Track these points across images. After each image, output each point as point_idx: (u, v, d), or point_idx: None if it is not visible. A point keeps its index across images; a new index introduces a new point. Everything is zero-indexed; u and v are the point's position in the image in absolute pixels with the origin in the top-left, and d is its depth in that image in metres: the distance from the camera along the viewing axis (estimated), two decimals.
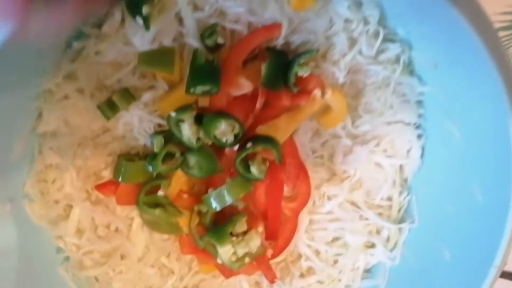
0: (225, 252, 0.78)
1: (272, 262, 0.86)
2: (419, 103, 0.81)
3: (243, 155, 0.73)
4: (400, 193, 0.86)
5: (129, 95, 0.72)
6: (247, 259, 0.79)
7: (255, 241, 0.80)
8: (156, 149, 0.74)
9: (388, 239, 0.87)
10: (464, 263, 0.72)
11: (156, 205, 0.78)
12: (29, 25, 0.48)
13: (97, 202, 0.81)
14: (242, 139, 0.74)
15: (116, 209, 0.82)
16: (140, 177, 0.76)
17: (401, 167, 0.85)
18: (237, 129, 0.72)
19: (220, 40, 0.70)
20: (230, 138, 0.72)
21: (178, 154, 0.75)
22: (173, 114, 0.70)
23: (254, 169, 0.74)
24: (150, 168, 0.75)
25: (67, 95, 0.71)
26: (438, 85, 0.75)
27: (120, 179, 0.76)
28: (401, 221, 0.86)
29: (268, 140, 0.73)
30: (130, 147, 0.79)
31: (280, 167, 0.78)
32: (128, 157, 0.78)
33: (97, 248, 0.80)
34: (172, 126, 0.72)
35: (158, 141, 0.74)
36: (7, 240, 0.71)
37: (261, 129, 0.74)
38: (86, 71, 0.69)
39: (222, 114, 0.72)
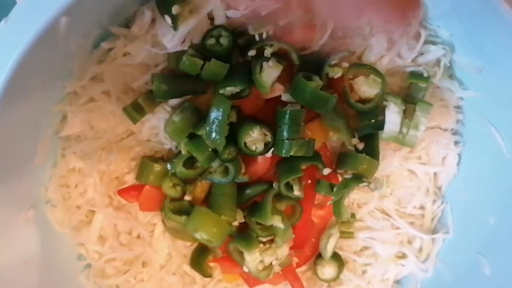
0: (253, 259, 0.75)
1: (298, 271, 0.84)
2: (458, 108, 0.77)
3: (294, 177, 0.70)
4: (434, 201, 0.82)
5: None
6: (276, 268, 0.76)
7: (282, 249, 0.77)
8: (180, 150, 0.71)
9: (420, 250, 0.83)
10: (507, 279, 0.68)
11: (181, 212, 0.76)
12: None
13: (119, 208, 0.78)
14: (271, 147, 0.70)
15: (138, 215, 0.79)
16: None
17: (435, 174, 0.82)
18: (269, 138, 0.69)
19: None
20: (260, 146, 0.68)
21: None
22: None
23: (296, 189, 0.71)
24: (169, 167, 0.72)
25: (92, 98, 0.68)
26: (481, 91, 0.71)
27: (143, 181, 0.74)
28: (434, 231, 0.83)
29: (313, 156, 0.70)
30: (154, 151, 0.77)
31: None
32: (152, 160, 0.75)
33: (119, 256, 0.78)
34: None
35: (184, 144, 0.70)
36: (29, 247, 0.69)
37: None
38: (113, 73, 0.66)
39: (256, 121, 0.68)
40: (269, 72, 0.65)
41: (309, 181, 0.76)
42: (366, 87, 0.70)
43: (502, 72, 0.64)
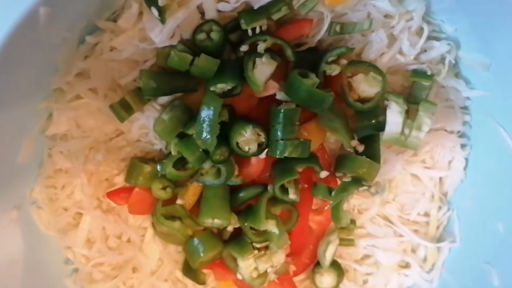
0: (247, 266, 0.72)
1: (296, 279, 0.80)
2: (464, 109, 0.73)
3: (288, 179, 0.67)
4: (439, 208, 0.78)
5: None
6: (272, 276, 0.73)
7: (278, 256, 0.74)
8: (170, 150, 0.68)
9: (425, 259, 0.79)
10: None
11: (173, 216, 0.73)
12: None
13: (109, 211, 0.76)
14: (265, 148, 0.67)
15: (128, 218, 0.77)
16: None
17: (440, 179, 0.78)
18: (262, 139, 0.66)
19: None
20: (253, 147, 0.65)
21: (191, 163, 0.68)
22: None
23: (292, 192, 0.68)
24: (159, 168, 0.70)
25: (79, 95, 0.66)
26: (489, 90, 0.67)
27: (132, 182, 0.71)
28: (440, 239, 0.79)
29: (309, 158, 0.67)
30: (145, 152, 0.74)
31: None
32: (143, 161, 0.73)
33: (108, 260, 0.75)
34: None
35: (174, 144, 0.68)
36: (12, 249, 0.66)
37: None
38: (99, 69, 0.64)
39: (249, 120, 0.66)
40: (262, 69, 0.63)
41: (306, 185, 0.73)
42: (366, 86, 0.67)
43: (511, 69, 0.60)
